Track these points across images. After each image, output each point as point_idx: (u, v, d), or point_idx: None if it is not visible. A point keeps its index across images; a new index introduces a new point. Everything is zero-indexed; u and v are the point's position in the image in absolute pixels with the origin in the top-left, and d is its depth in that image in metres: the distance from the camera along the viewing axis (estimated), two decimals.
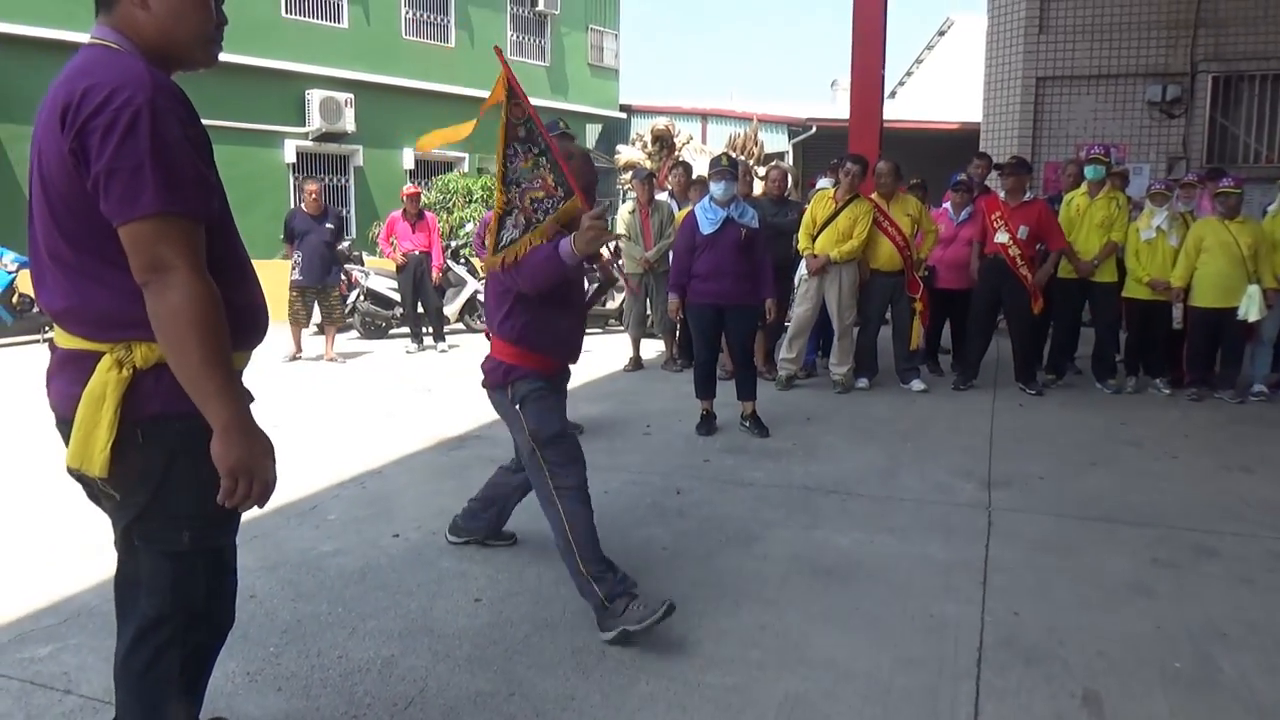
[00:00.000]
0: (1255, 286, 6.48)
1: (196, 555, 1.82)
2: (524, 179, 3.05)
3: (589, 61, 22.35)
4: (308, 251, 8.37)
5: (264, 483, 1.71)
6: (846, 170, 6.77)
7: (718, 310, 5.58)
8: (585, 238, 2.85)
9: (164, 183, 1.58)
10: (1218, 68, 11.33)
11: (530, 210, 3.04)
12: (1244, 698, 2.71)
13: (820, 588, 3.45)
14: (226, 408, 1.64)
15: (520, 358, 3.19)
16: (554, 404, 3.25)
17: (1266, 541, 3.95)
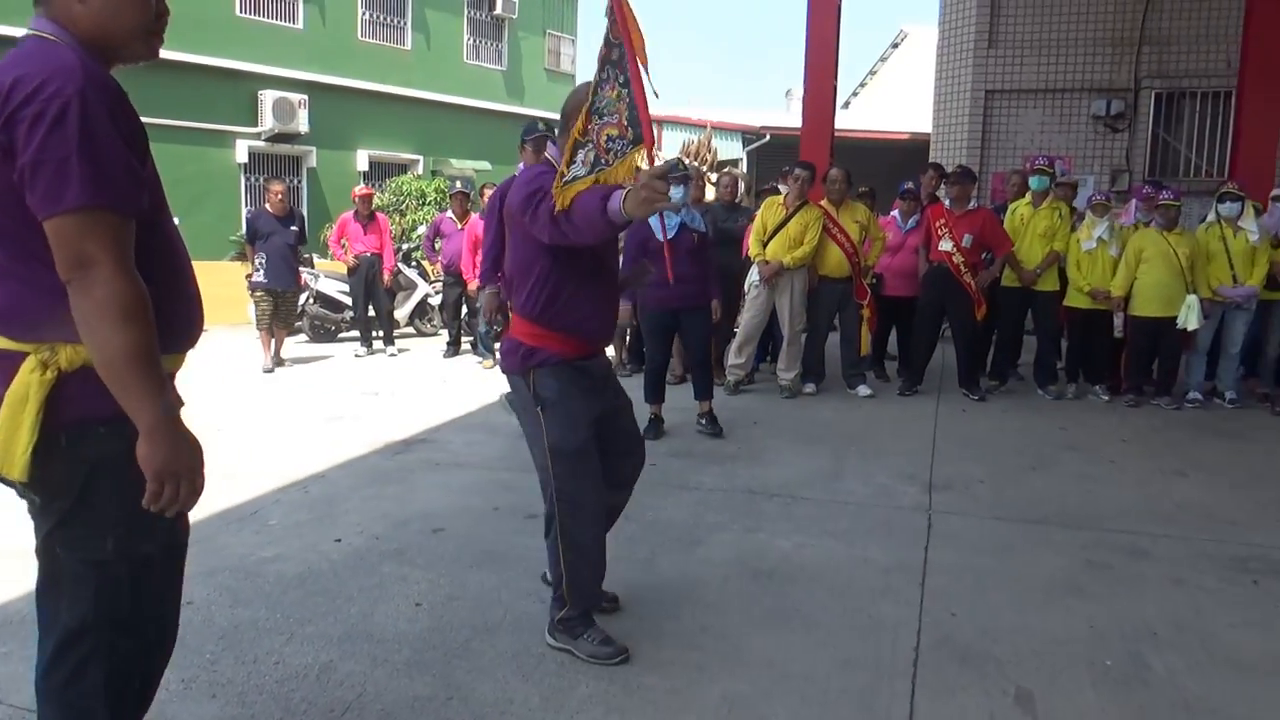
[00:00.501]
0: (1193, 296, 6.66)
1: (121, 563, 1.75)
2: (606, 110, 2.58)
3: (546, 66, 22.33)
4: (273, 254, 8.15)
5: (192, 487, 1.66)
6: (795, 176, 6.85)
7: (674, 314, 5.68)
8: (639, 196, 2.36)
9: (91, 176, 1.53)
10: (1160, 84, 11.64)
11: (603, 148, 2.59)
12: (1171, 695, 2.77)
13: (761, 590, 3.47)
14: (153, 408, 1.59)
15: (543, 338, 2.84)
16: (581, 409, 2.86)
17: (1197, 543, 4.05)
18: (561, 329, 2.83)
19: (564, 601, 2.92)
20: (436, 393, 7.20)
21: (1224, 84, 10.95)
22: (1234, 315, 6.86)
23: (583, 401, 2.87)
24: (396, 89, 17.82)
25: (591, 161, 2.59)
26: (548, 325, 2.82)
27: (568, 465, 2.84)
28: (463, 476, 4.88)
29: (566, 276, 2.81)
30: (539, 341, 2.84)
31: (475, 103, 19.87)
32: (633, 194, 2.39)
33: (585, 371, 2.89)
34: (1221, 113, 11.26)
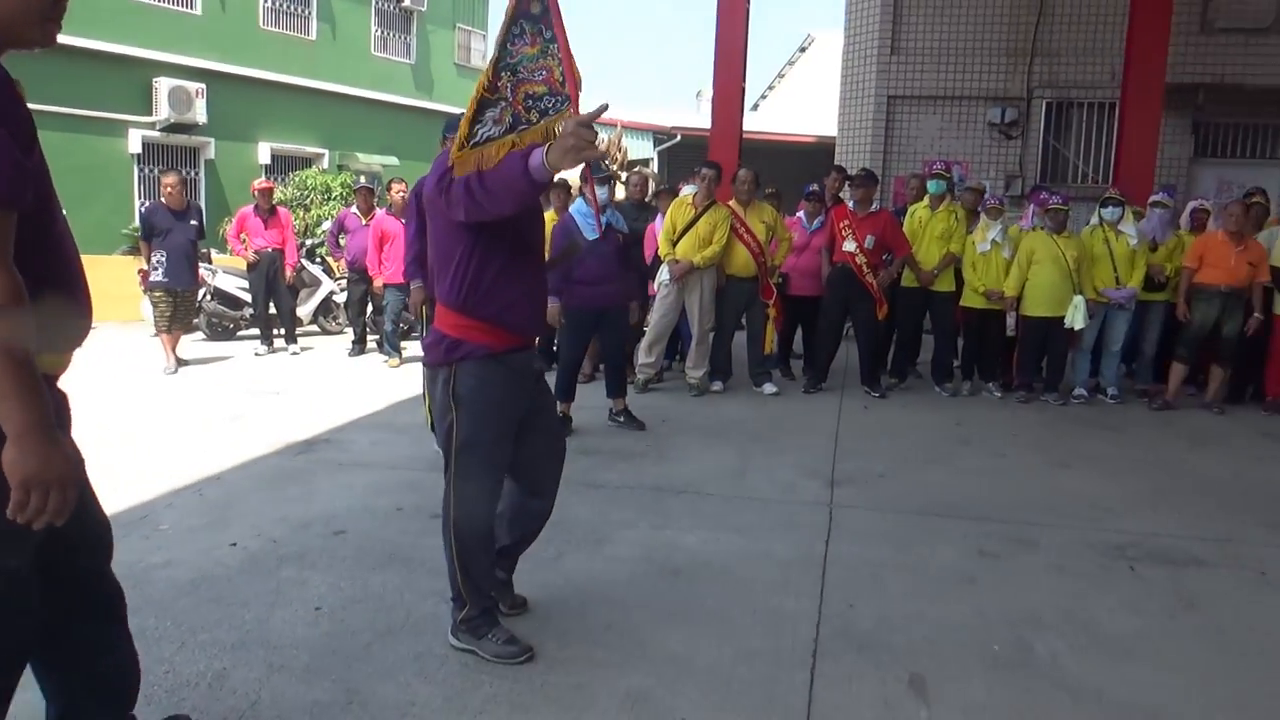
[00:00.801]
0: (1080, 297, 6.98)
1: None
2: (524, 66, 2.40)
3: (456, 61, 22.07)
4: (172, 251, 7.72)
5: (62, 497, 1.55)
6: (702, 176, 6.94)
7: (598, 314, 5.70)
8: (564, 145, 2.22)
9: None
10: (1051, 94, 12.13)
11: (522, 106, 2.40)
12: (1054, 677, 2.91)
13: (666, 586, 3.51)
14: (25, 411, 1.49)
15: (467, 329, 2.68)
16: (500, 407, 2.76)
17: (1080, 532, 4.25)
18: (486, 318, 2.69)
19: (464, 602, 2.88)
20: (341, 392, 7.05)
21: (1109, 95, 11.49)
22: (1116, 315, 7.21)
23: (503, 399, 2.77)
24: (300, 80, 17.36)
25: (509, 121, 2.40)
26: (472, 314, 2.68)
27: (474, 462, 2.77)
28: (367, 477, 4.79)
29: (489, 260, 2.66)
30: (463, 333, 2.69)
31: (383, 96, 19.50)
32: (557, 144, 2.24)
33: (511, 367, 2.77)
34: (1106, 122, 11.81)
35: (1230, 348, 6.99)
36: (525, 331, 2.82)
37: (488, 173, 2.40)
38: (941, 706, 2.71)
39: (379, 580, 3.47)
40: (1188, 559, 3.96)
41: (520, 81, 2.41)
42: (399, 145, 19.49)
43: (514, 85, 2.41)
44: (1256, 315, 6.86)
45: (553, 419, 3.09)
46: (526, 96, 2.41)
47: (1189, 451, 5.86)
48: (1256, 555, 4.02)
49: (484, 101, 2.40)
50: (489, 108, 2.41)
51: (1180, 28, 10.96)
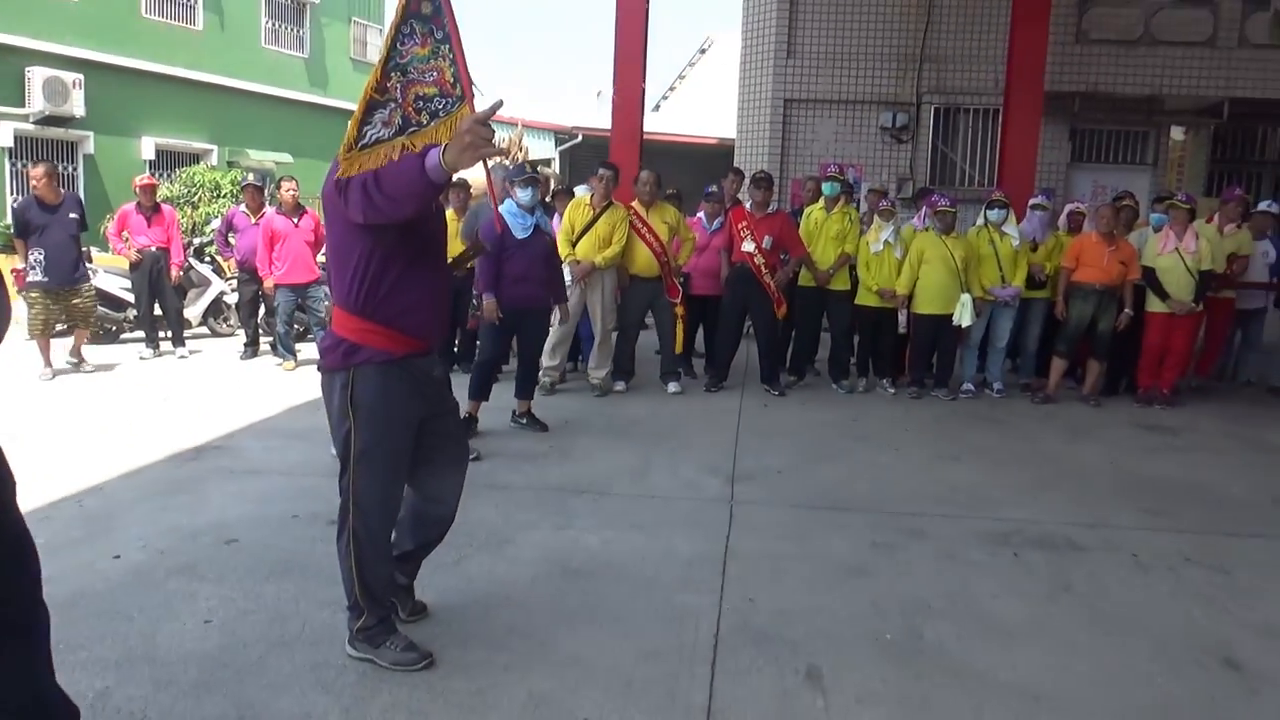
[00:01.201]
0: (967, 295, 7.26)
1: None
2: (414, 67, 2.36)
3: (352, 55, 21.59)
4: (51, 248, 7.24)
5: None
6: (600, 176, 6.96)
7: (520, 314, 5.65)
8: (460, 143, 2.19)
9: None
10: (939, 100, 12.57)
11: (412, 108, 2.36)
12: (943, 662, 3.02)
13: (570, 587, 3.51)
14: None
15: (365, 333, 2.62)
16: (401, 415, 2.70)
17: (967, 521, 4.43)
18: (386, 322, 2.62)
19: (360, 610, 2.83)
20: (232, 396, 6.81)
21: (993, 102, 11.96)
22: (1001, 312, 7.53)
23: (403, 406, 2.71)
24: (186, 72, 16.72)
25: (399, 123, 2.36)
26: (371, 318, 2.61)
27: (372, 470, 2.71)
28: (260, 484, 4.65)
29: (390, 262, 2.59)
30: (362, 337, 2.62)
31: (275, 90, 18.94)
32: (454, 142, 2.21)
33: (411, 371, 2.71)
34: (990, 128, 12.30)
35: (1105, 343, 7.38)
36: (426, 335, 2.76)
37: (384, 174, 2.34)
38: (837, 696, 2.79)
39: (273, 590, 3.37)
40: (1066, 544, 4.16)
41: (410, 82, 2.37)
42: (293, 142, 18.95)
43: (404, 86, 2.36)
44: (1127, 312, 7.26)
45: (454, 424, 3.04)
46: (417, 98, 2.37)
47: (1068, 442, 6.16)
48: (1129, 539, 4.26)
49: (373, 103, 2.35)
50: (378, 109, 2.36)
51: (1057, 38, 11.51)
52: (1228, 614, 3.48)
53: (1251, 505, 4.89)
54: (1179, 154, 12.70)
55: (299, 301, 8.06)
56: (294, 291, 7.95)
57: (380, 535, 2.81)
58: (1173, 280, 7.16)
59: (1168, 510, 4.71)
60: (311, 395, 6.65)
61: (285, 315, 8.04)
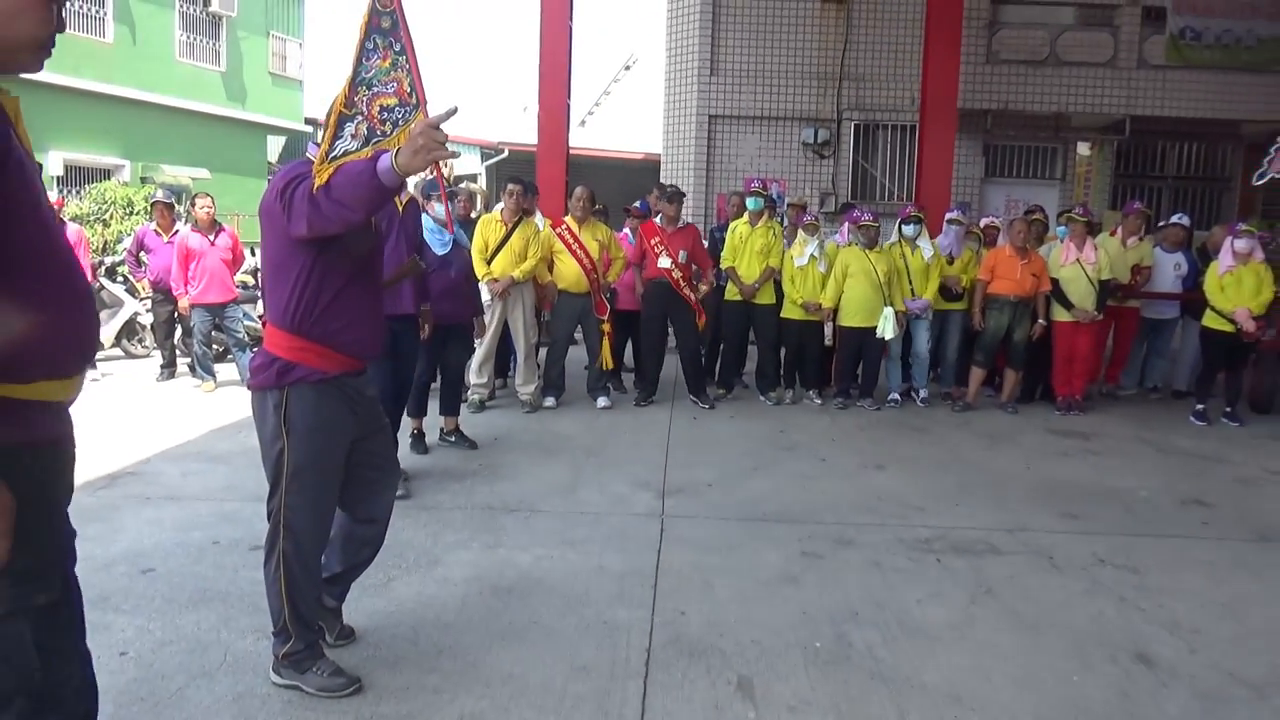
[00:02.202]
0: (889, 308, 7.44)
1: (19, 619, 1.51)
2: (378, 80, 2.50)
3: (270, 70, 21.18)
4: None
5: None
6: (510, 191, 6.95)
7: (445, 330, 5.59)
8: (413, 146, 2.22)
9: None
10: (859, 116, 12.89)
11: (377, 119, 2.49)
12: (870, 667, 3.09)
13: (501, 605, 3.49)
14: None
15: (300, 351, 2.60)
16: (334, 435, 2.70)
17: (893, 529, 4.53)
18: (321, 340, 2.61)
19: (288, 636, 2.77)
20: (148, 420, 6.59)
21: (910, 118, 12.32)
22: (917, 324, 7.72)
23: (338, 426, 2.70)
24: (96, 85, 16.19)
25: (365, 134, 2.47)
26: (306, 336, 2.59)
27: (305, 492, 2.67)
28: (178, 511, 4.51)
29: (327, 279, 2.58)
30: (296, 355, 2.60)
31: (190, 105, 18.48)
32: (406, 145, 2.23)
33: (345, 391, 2.70)
34: (908, 143, 12.65)
35: (1020, 352, 7.63)
36: (361, 354, 2.75)
37: (334, 180, 2.34)
38: (768, 706, 2.82)
39: (192, 620, 3.27)
40: (987, 548, 4.29)
41: (375, 95, 2.48)
42: (211, 157, 18.50)
43: (369, 99, 2.48)
44: (1041, 321, 7.52)
45: (386, 444, 3.01)
46: (380, 109, 2.48)
47: (987, 449, 6.35)
48: (1045, 542, 4.40)
49: (342, 117, 2.45)
50: (347, 123, 2.46)
51: (969, 58, 11.92)
52: (1139, 611, 3.63)
53: (1160, 507, 5.10)
54: (1085, 169, 13.24)
55: (216, 321, 7.85)
56: (210, 311, 7.75)
57: (311, 557, 2.77)
58: (1075, 290, 7.45)
59: (1082, 513, 4.89)
60: (232, 417, 6.49)
61: (202, 336, 7.83)
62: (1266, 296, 7.24)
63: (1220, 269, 7.34)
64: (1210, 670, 3.15)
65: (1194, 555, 4.30)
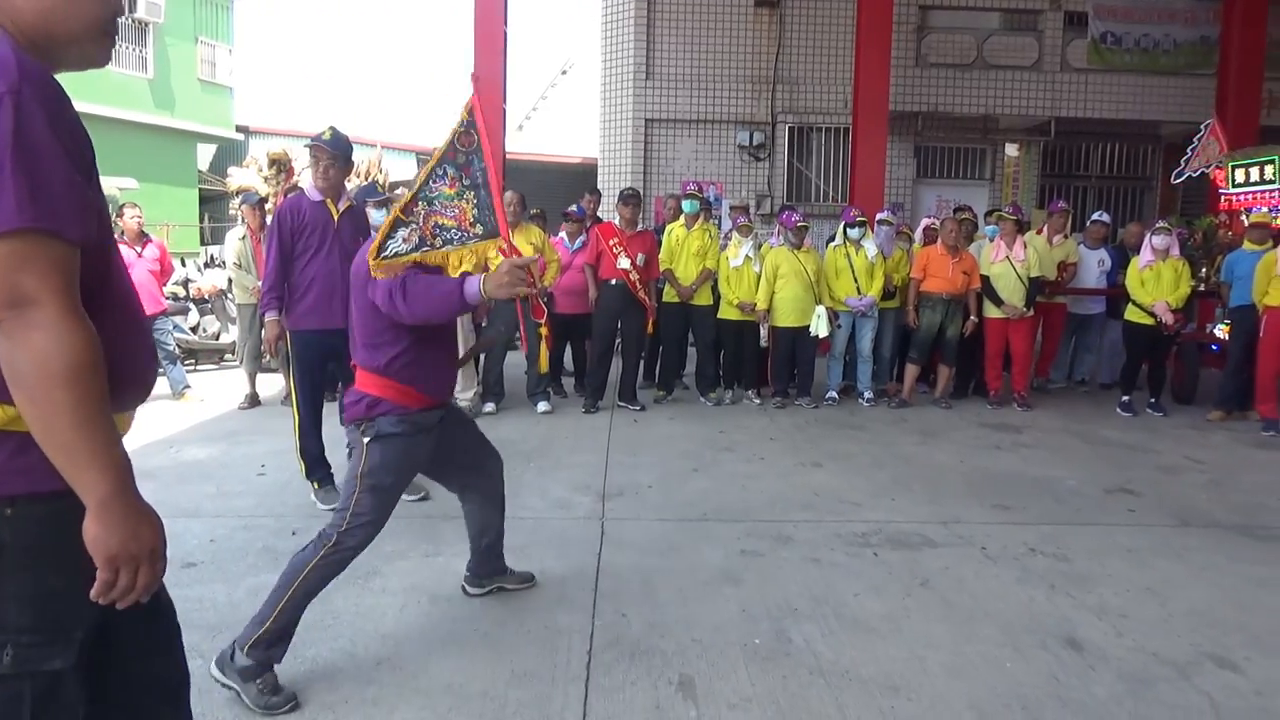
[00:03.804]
0: (822, 306, 7.55)
1: (22, 681, 1.38)
2: (439, 201, 2.89)
3: (199, 76, 20.72)
4: None
5: (152, 571, 1.38)
6: None
7: None
8: (499, 280, 2.73)
9: (27, 192, 1.24)
10: (793, 119, 13.05)
11: (429, 233, 2.88)
12: (809, 662, 3.12)
13: (439, 614, 3.46)
14: (106, 478, 1.30)
15: (386, 389, 3.00)
16: (409, 453, 3.07)
17: (830, 525, 4.59)
18: (409, 382, 3.01)
19: (261, 642, 2.80)
20: None
21: (843, 121, 12.52)
22: (861, 323, 7.85)
23: (412, 447, 3.06)
24: None
25: (415, 242, 2.86)
26: (396, 379, 2.99)
27: (372, 497, 2.97)
28: None
29: (410, 335, 2.99)
30: (384, 392, 2.99)
31: (116, 113, 17.98)
32: (493, 278, 2.73)
33: (421, 424, 3.07)
34: (842, 146, 12.85)
35: (953, 349, 7.80)
36: (436, 396, 3.14)
37: (415, 292, 2.82)
38: (709, 703, 2.83)
39: None
40: (922, 541, 4.37)
41: (433, 212, 2.88)
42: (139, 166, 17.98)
43: (426, 214, 2.87)
44: (973, 319, 7.70)
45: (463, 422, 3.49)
46: (435, 225, 2.88)
47: (922, 444, 6.47)
48: (978, 533, 4.50)
49: (398, 221, 2.84)
50: (401, 227, 2.84)
51: (899, 62, 12.16)
52: (1069, 598, 3.72)
53: (1087, 496, 5.25)
54: (1014, 169, 13.58)
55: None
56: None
57: (334, 573, 3.00)
58: (1005, 287, 7.65)
59: (1013, 504, 5.01)
60: (163, 433, 6.33)
61: None
62: (1184, 291, 7.51)
63: (1140, 264, 7.59)
64: (1135, 652, 3.24)
65: (1120, 541, 4.44)
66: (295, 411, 4.82)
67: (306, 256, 4.70)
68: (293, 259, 4.71)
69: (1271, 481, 5.64)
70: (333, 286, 4.67)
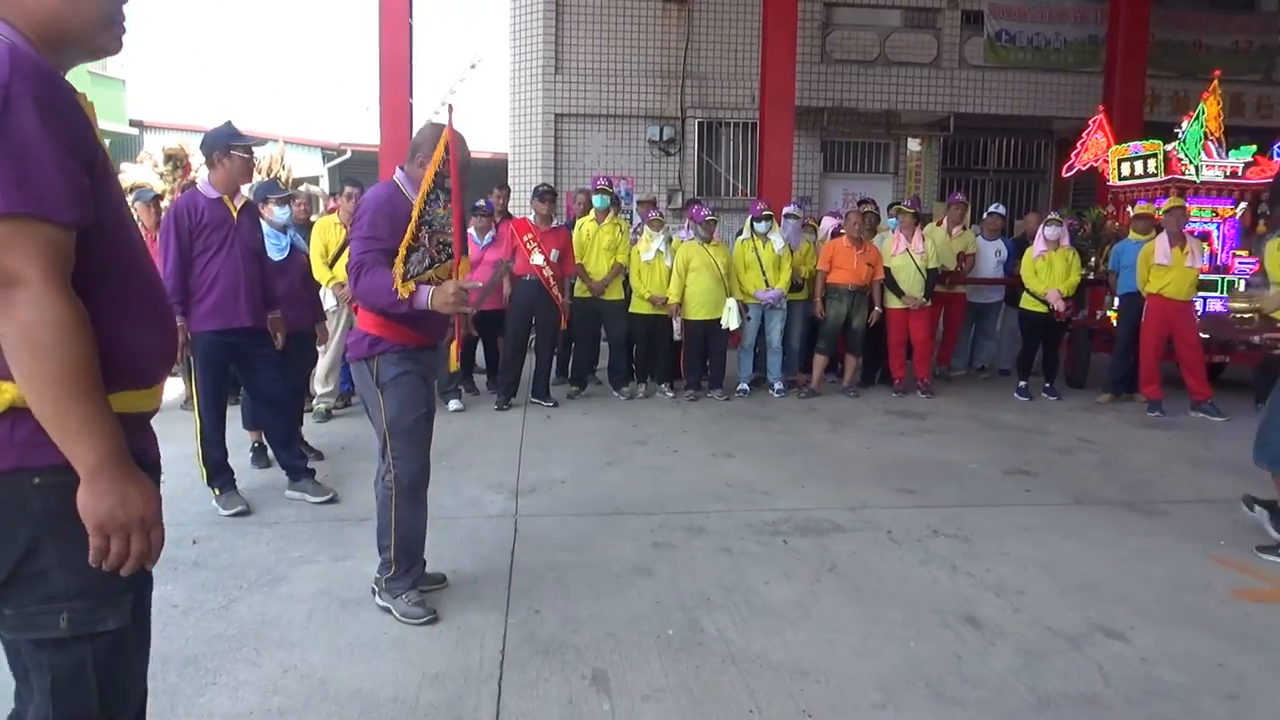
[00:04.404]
0: (732, 299, 7.64)
1: (82, 644, 1.48)
2: (437, 222, 3.21)
3: (89, 69, 19.77)
4: None
5: (146, 539, 1.45)
6: (348, 194, 6.78)
7: (287, 339, 5.32)
8: (445, 298, 3.11)
9: (14, 179, 1.33)
10: (702, 114, 13.15)
11: (435, 251, 3.23)
12: (721, 650, 3.16)
13: (349, 619, 3.39)
14: (94, 447, 1.38)
15: (385, 329, 3.29)
16: (416, 392, 3.36)
17: (741, 515, 4.65)
18: (405, 322, 3.27)
19: (389, 565, 3.40)
20: None
21: (751, 115, 12.67)
22: (771, 315, 7.97)
23: (419, 384, 3.38)
24: None
25: (428, 263, 3.22)
26: (393, 319, 3.26)
27: (401, 437, 3.32)
28: None
29: None
30: (383, 331, 3.30)
31: None
32: (440, 294, 3.11)
33: (419, 361, 3.39)
34: (750, 140, 13.01)
35: (859, 339, 7.98)
36: (430, 335, 3.43)
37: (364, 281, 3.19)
38: (623, 696, 2.85)
39: None
40: (831, 527, 4.47)
41: (434, 233, 3.22)
42: None
43: (430, 236, 3.21)
44: (877, 309, 7.90)
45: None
46: (439, 244, 3.24)
47: (830, 432, 6.61)
48: (884, 518, 4.62)
49: (410, 248, 3.16)
50: (414, 252, 3.17)
51: (805, 57, 12.36)
52: (969, 577, 3.86)
53: (986, 478, 5.44)
54: (916, 163, 13.96)
55: None
56: None
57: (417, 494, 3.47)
58: (906, 278, 7.87)
59: (918, 488, 5.16)
60: None
61: None
62: (1075, 279, 7.85)
63: (1034, 254, 7.89)
64: (1031, 627, 3.38)
65: (1017, 521, 4.62)
66: (197, 416, 4.66)
67: (207, 255, 4.56)
68: (192, 259, 4.56)
69: (1156, 459, 5.94)
70: (236, 285, 4.56)
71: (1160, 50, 13.21)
